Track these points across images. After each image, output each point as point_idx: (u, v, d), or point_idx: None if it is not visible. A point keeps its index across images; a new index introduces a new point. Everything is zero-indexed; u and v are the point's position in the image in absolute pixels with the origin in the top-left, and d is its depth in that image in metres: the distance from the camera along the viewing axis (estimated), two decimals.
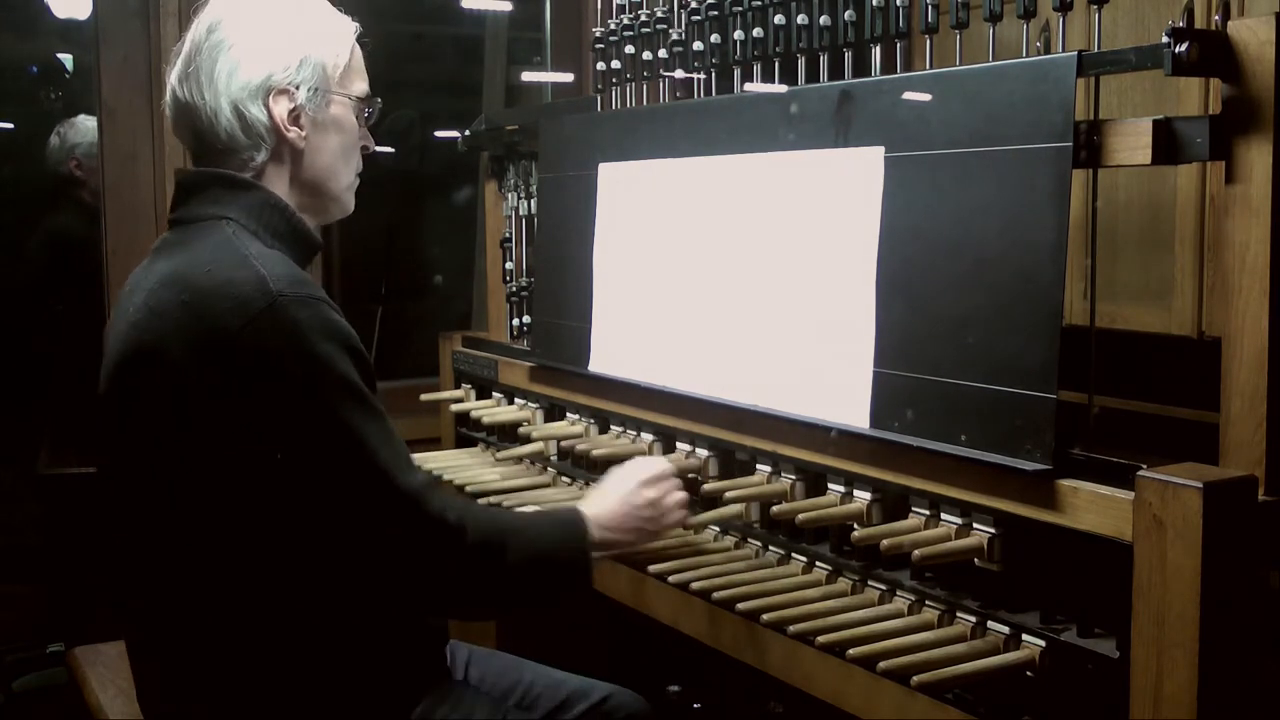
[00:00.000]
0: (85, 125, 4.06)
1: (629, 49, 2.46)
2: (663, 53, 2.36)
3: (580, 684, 1.97)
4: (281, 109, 1.68)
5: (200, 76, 1.67)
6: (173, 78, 1.71)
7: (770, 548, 1.99)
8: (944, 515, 1.69)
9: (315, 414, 1.52)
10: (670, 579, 1.91)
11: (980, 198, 1.65)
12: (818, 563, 1.90)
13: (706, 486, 2.02)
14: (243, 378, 1.51)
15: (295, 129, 1.70)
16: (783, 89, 2.08)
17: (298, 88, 1.69)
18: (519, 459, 2.58)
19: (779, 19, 2.09)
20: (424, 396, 2.93)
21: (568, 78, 3.57)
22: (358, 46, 1.81)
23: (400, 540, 1.57)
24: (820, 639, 1.64)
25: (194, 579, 1.58)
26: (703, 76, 2.29)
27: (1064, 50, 1.64)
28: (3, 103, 5.12)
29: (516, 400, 2.71)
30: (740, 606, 1.76)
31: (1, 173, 5.03)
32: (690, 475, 2.07)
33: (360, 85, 1.80)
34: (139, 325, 1.59)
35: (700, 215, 2.17)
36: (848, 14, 1.97)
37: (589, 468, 2.40)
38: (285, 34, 1.70)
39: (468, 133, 2.95)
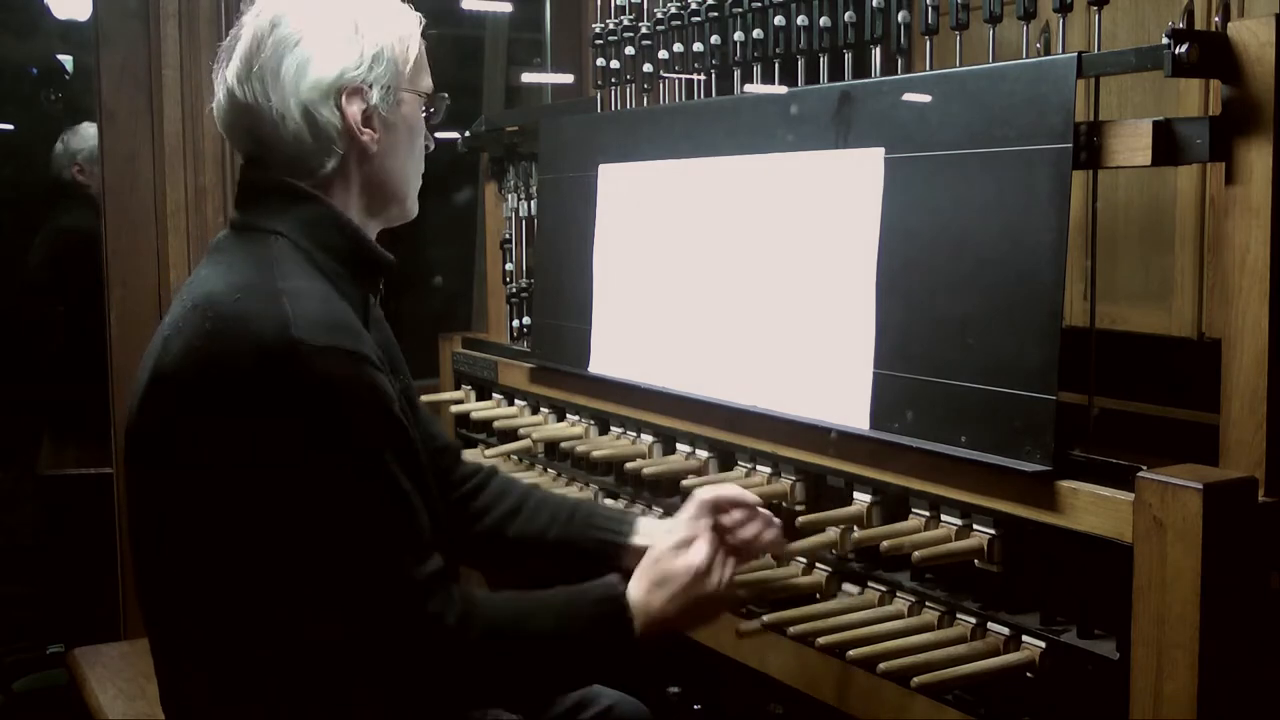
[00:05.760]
0: (87, 132, 4.09)
1: (629, 49, 2.46)
2: (663, 54, 2.37)
3: (587, 689, 1.95)
4: (355, 110, 1.55)
5: (265, 76, 1.53)
6: (229, 77, 1.56)
7: None
8: (944, 516, 1.69)
9: (317, 481, 1.42)
10: None
11: (980, 199, 1.65)
12: (818, 565, 1.89)
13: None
14: (249, 424, 1.41)
15: (368, 131, 1.57)
16: (783, 90, 2.09)
17: (370, 86, 1.56)
18: (508, 455, 2.58)
19: (779, 20, 2.09)
20: (424, 398, 2.92)
21: (568, 79, 3.57)
22: (420, 39, 1.67)
23: (391, 637, 1.45)
24: (820, 640, 1.64)
25: (191, 604, 1.52)
26: (703, 78, 2.30)
27: (1064, 51, 1.64)
28: (3, 104, 5.12)
29: (517, 401, 2.71)
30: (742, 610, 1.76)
31: (2, 174, 5.04)
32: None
33: (428, 80, 1.66)
34: (168, 343, 1.51)
35: (700, 216, 2.17)
36: (848, 15, 1.98)
37: (589, 468, 2.40)
38: (355, 28, 1.56)
39: (468, 134, 2.95)
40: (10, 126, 5.18)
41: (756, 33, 2.13)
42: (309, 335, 1.42)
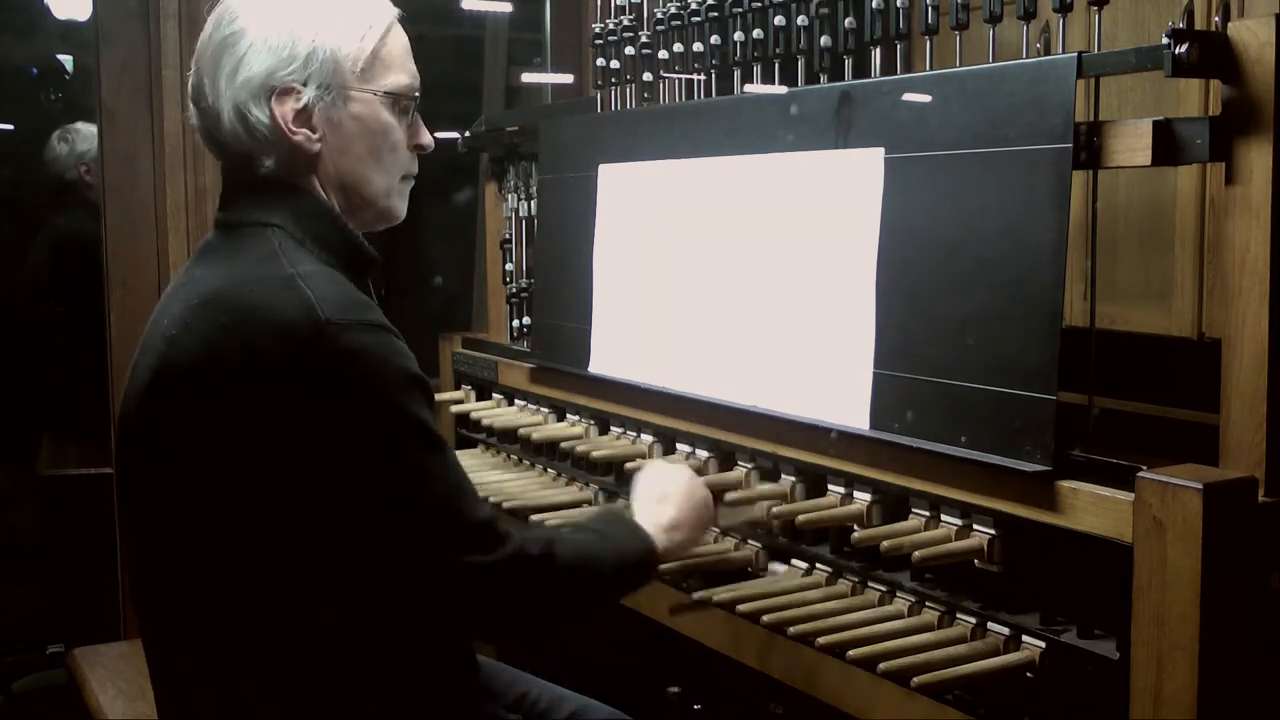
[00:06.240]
0: (90, 131, 4.09)
1: (629, 49, 2.46)
2: (663, 54, 2.37)
3: (579, 703, 1.95)
4: (286, 109, 1.54)
5: (205, 75, 1.56)
6: (190, 82, 1.60)
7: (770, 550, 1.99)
8: (944, 516, 1.69)
9: (371, 453, 1.43)
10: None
11: (980, 199, 1.65)
12: (818, 564, 1.89)
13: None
14: (287, 410, 1.41)
15: (304, 131, 1.56)
16: (783, 90, 2.08)
17: (304, 85, 1.54)
18: (507, 455, 2.58)
19: (779, 20, 2.09)
20: None
21: (568, 79, 3.57)
22: (398, 34, 1.64)
23: (472, 574, 1.48)
24: (820, 640, 1.64)
25: (218, 601, 1.50)
26: (703, 78, 2.29)
27: (1064, 51, 1.64)
28: (3, 104, 5.12)
29: (517, 401, 2.71)
30: (741, 608, 1.76)
31: (1, 174, 5.04)
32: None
33: (394, 78, 1.62)
34: (174, 342, 1.50)
35: (701, 216, 2.17)
36: (848, 21, 1.97)
37: (589, 468, 2.40)
38: (292, 25, 1.55)
39: (467, 134, 2.95)
40: (10, 126, 5.18)
41: (756, 33, 2.13)
42: (334, 314, 1.43)
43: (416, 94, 1.67)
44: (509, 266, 2.90)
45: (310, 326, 1.41)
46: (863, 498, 1.81)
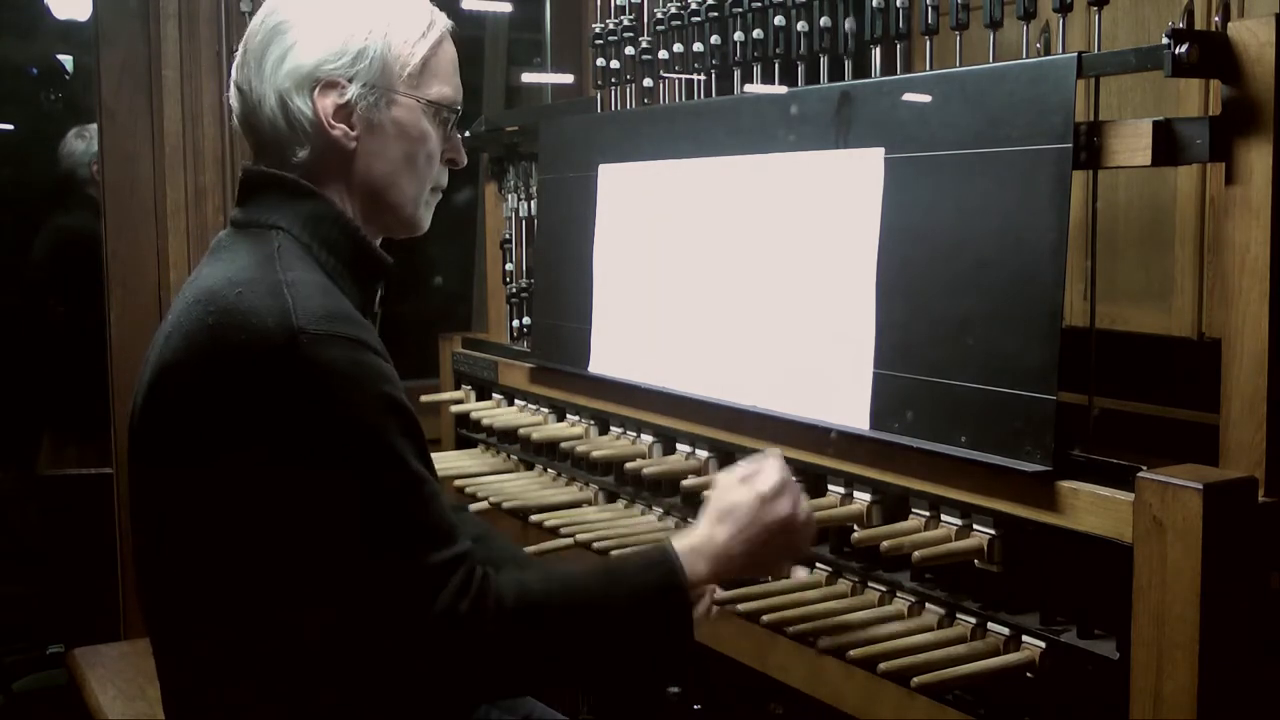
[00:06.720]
0: None
1: (629, 49, 2.46)
2: (663, 53, 2.37)
3: None
4: (328, 103, 1.54)
5: (252, 61, 1.56)
6: (234, 64, 1.60)
7: None
8: (944, 516, 1.69)
9: (323, 469, 1.40)
10: None
11: (980, 199, 1.65)
12: (818, 564, 1.89)
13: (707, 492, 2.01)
14: (254, 418, 1.39)
15: (342, 127, 1.56)
16: (783, 90, 2.09)
17: (350, 81, 1.55)
18: (508, 455, 2.57)
19: (779, 20, 2.09)
20: (424, 398, 2.92)
21: (568, 79, 3.57)
22: (448, 46, 1.64)
23: (401, 627, 1.42)
24: (821, 640, 1.64)
25: (196, 602, 1.50)
26: (703, 78, 2.30)
27: (1064, 51, 1.64)
28: (3, 104, 5.12)
29: (517, 401, 2.71)
30: (741, 608, 1.76)
31: (1, 174, 5.03)
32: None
33: (439, 89, 1.62)
34: (170, 339, 1.50)
35: (701, 216, 2.17)
36: (848, 23, 1.97)
37: (589, 468, 2.40)
38: (347, 22, 1.56)
39: (467, 134, 2.95)
40: (10, 126, 5.18)
41: (756, 33, 2.14)
42: (310, 324, 1.41)
43: (458, 108, 1.67)
44: (509, 266, 2.90)
45: (284, 334, 1.40)
46: (863, 498, 1.81)
